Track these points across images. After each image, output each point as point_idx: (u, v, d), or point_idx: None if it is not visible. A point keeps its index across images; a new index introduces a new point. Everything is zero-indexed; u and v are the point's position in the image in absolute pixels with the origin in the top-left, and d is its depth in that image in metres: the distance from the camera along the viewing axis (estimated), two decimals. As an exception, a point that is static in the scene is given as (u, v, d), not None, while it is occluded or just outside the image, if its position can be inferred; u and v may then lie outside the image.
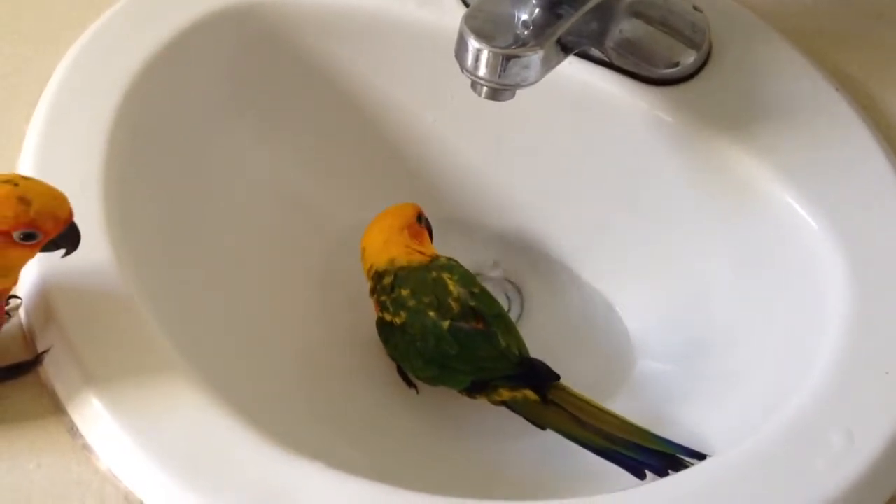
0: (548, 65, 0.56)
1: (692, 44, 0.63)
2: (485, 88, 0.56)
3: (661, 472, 0.56)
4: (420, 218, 0.66)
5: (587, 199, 0.69)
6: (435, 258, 0.64)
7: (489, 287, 0.66)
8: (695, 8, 0.63)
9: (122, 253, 0.56)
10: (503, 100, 0.57)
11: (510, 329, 0.62)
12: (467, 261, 0.69)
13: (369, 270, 0.65)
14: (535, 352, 0.62)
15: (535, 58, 0.55)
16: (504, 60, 0.54)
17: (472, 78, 0.56)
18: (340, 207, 0.71)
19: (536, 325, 0.69)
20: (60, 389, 0.53)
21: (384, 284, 0.63)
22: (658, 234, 0.67)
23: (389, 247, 0.64)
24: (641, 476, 0.56)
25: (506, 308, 0.69)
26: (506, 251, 0.72)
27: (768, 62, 0.64)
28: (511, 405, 0.60)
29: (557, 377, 0.60)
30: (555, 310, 0.70)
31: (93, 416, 0.51)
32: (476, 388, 0.61)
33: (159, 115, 0.63)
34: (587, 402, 0.59)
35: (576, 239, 0.70)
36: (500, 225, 0.72)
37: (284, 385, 0.63)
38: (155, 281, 0.57)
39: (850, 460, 0.50)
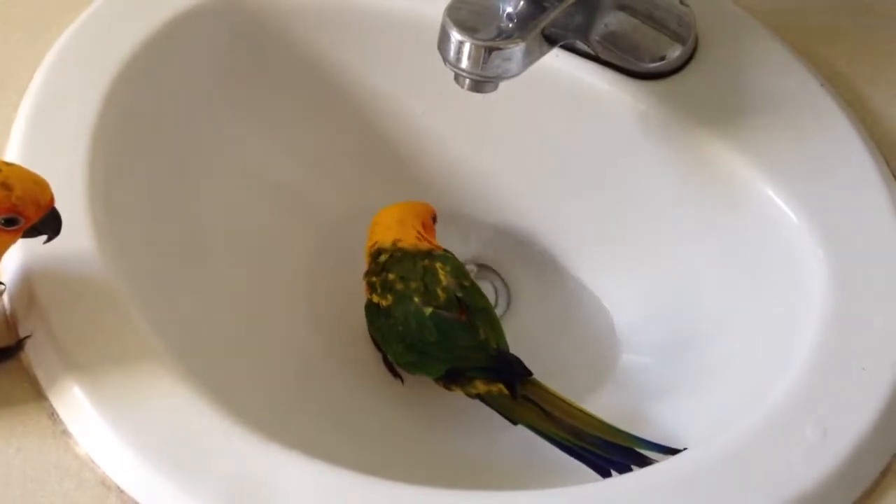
0: (530, 57, 0.56)
1: (678, 38, 0.63)
2: (467, 80, 0.56)
3: (625, 470, 0.56)
4: (434, 218, 0.67)
5: (573, 191, 0.69)
6: (435, 248, 0.65)
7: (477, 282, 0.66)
8: (681, 2, 0.63)
9: (106, 241, 0.56)
10: (486, 91, 0.57)
11: (493, 324, 0.62)
12: (455, 252, 0.69)
13: (371, 246, 0.65)
14: (520, 344, 0.63)
15: (516, 50, 0.55)
16: (486, 52, 0.54)
17: (455, 70, 0.56)
18: (329, 199, 0.71)
19: (523, 317, 0.70)
20: (41, 375, 0.53)
21: (378, 262, 0.64)
22: (643, 227, 0.67)
23: (400, 227, 0.65)
24: (606, 474, 0.56)
25: (492, 301, 0.70)
26: (493, 244, 0.73)
27: (754, 57, 0.64)
28: (485, 398, 0.61)
29: (529, 373, 0.60)
30: (541, 303, 0.71)
31: (73, 402, 0.52)
32: (452, 379, 0.61)
33: (147, 105, 0.64)
34: (559, 399, 0.59)
35: (562, 232, 0.71)
36: (487, 217, 0.73)
37: (268, 374, 0.63)
38: (138, 269, 0.58)
39: (824, 454, 0.50)
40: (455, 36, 0.55)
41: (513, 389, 0.60)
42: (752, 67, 0.63)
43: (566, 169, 0.69)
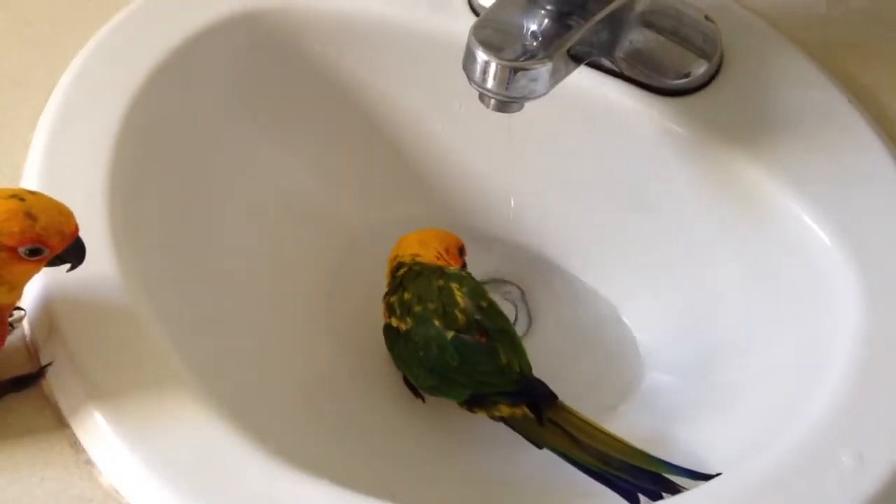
0: (556, 77, 0.55)
1: (703, 54, 0.62)
2: (493, 101, 0.55)
3: (655, 496, 0.55)
4: (462, 251, 0.66)
5: (596, 208, 0.68)
6: (449, 265, 0.64)
7: (496, 298, 0.65)
8: (706, 18, 0.62)
9: (127, 264, 0.56)
10: (511, 112, 0.56)
11: (514, 345, 0.61)
12: (474, 269, 0.69)
13: (392, 260, 0.65)
14: (542, 363, 0.62)
15: (543, 70, 0.54)
16: (512, 73, 0.54)
17: (480, 90, 0.55)
18: (349, 215, 0.70)
19: (544, 334, 0.69)
20: (63, 403, 0.53)
21: (397, 276, 0.63)
22: (668, 245, 0.66)
23: (422, 247, 0.64)
24: (635, 500, 0.56)
25: (512, 318, 0.69)
26: (513, 260, 0.72)
27: (780, 72, 0.63)
28: (509, 422, 0.60)
29: (555, 398, 0.59)
30: (563, 320, 0.70)
31: (95, 430, 0.51)
32: (475, 402, 0.60)
33: (166, 123, 0.63)
34: (585, 423, 0.59)
35: (585, 249, 0.70)
36: (508, 233, 0.72)
37: (289, 394, 0.62)
38: (160, 293, 0.57)
39: (861, 481, 0.49)
40: (481, 56, 0.54)
41: (538, 414, 0.59)
42: (779, 83, 0.63)
43: (589, 185, 0.68)
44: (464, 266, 0.67)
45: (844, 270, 0.56)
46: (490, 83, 0.54)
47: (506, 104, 0.55)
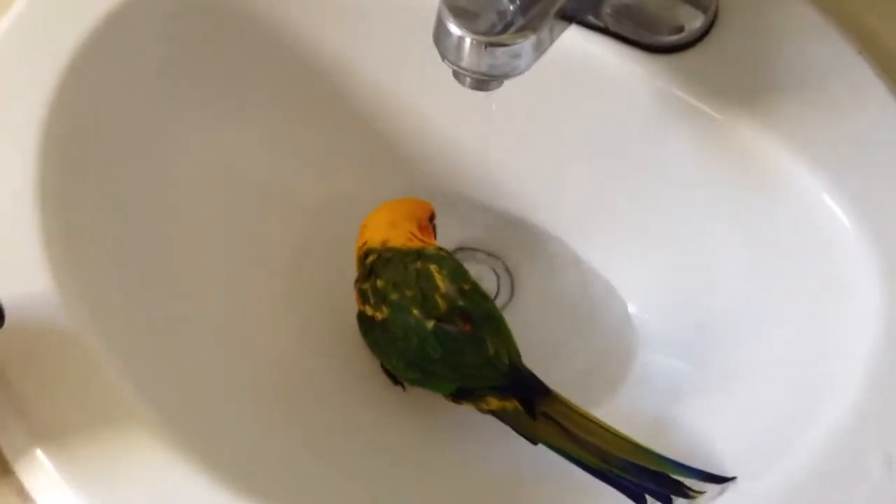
0: (541, 48, 0.49)
1: (698, 5, 0.56)
2: (468, 79, 0.49)
3: (665, 499, 0.51)
4: (432, 218, 0.62)
5: (584, 173, 0.63)
6: (426, 245, 0.59)
7: (477, 270, 0.61)
8: (700, -36, 0.56)
9: (66, 278, 0.51)
10: (490, 90, 0.50)
11: (500, 332, 0.57)
12: (452, 239, 0.65)
13: (360, 248, 0.60)
14: (526, 339, 0.57)
15: (526, 44, 0.48)
16: (490, 49, 0.47)
17: (454, 67, 0.49)
18: (311, 191, 0.65)
19: (528, 308, 0.64)
20: (4, 444, 0.48)
21: (367, 264, 0.59)
22: (662, 214, 0.61)
23: (391, 229, 0.59)
24: (641, 500, 0.52)
25: (494, 290, 0.65)
26: (494, 227, 0.67)
27: (782, 23, 0.57)
28: (500, 415, 0.56)
29: (548, 391, 0.55)
30: (549, 292, 0.65)
31: (43, 476, 0.46)
32: (461, 395, 0.57)
33: (100, 106, 0.57)
34: (582, 416, 0.55)
35: (571, 216, 0.65)
36: (487, 200, 0.66)
37: (260, 401, 0.57)
38: (103, 306, 0.52)
39: (893, 491, 0.45)
40: (454, 30, 0.47)
41: (530, 408, 0.54)
42: (780, 35, 0.57)
43: (576, 149, 0.62)
44: (434, 231, 0.62)
45: (863, 252, 0.51)
46: (465, 61, 0.48)
47: (484, 82, 0.49)
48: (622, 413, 0.58)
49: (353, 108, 0.64)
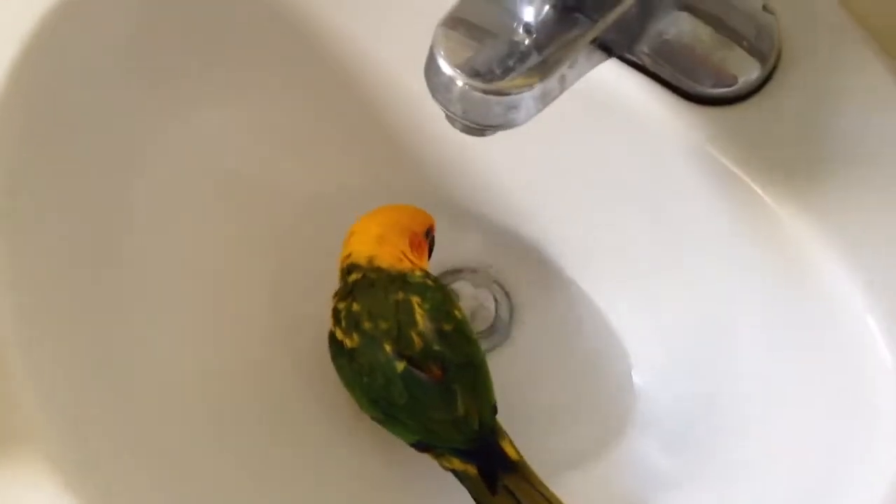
0: (546, 99, 0.42)
1: (755, 53, 0.48)
2: (458, 124, 0.42)
3: None
4: (428, 233, 0.56)
5: (603, 214, 0.56)
6: (413, 270, 0.53)
7: (475, 293, 0.57)
8: (765, 8, 0.47)
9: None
10: (485, 136, 0.43)
11: (477, 383, 0.51)
12: (454, 256, 0.60)
13: (345, 259, 0.55)
14: (514, 375, 0.55)
15: (526, 96, 0.40)
16: (483, 97, 0.40)
17: (445, 110, 0.42)
18: (299, 187, 0.59)
19: (522, 342, 0.59)
20: None
21: (347, 282, 0.54)
22: (680, 273, 0.54)
23: (380, 244, 0.54)
24: None
25: (492, 316, 0.59)
26: (500, 250, 0.60)
27: (850, 84, 0.49)
28: (460, 477, 0.51)
29: (514, 469, 0.50)
30: (548, 330, 0.59)
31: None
32: (423, 447, 0.52)
33: (53, 97, 0.51)
34: (546, 498, 0.50)
35: (583, 256, 0.58)
36: (496, 220, 0.60)
37: (209, 425, 0.53)
38: (40, 312, 0.46)
39: None
40: (444, 67, 0.40)
41: (492, 483, 0.50)
42: (850, 99, 0.48)
43: (595, 187, 0.56)
44: (431, 246, 0.57)
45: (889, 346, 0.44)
46: (454, 105, 0.41)
47: (477, 130, 0.42)
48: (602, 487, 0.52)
49: (353, 99, 0.58)
